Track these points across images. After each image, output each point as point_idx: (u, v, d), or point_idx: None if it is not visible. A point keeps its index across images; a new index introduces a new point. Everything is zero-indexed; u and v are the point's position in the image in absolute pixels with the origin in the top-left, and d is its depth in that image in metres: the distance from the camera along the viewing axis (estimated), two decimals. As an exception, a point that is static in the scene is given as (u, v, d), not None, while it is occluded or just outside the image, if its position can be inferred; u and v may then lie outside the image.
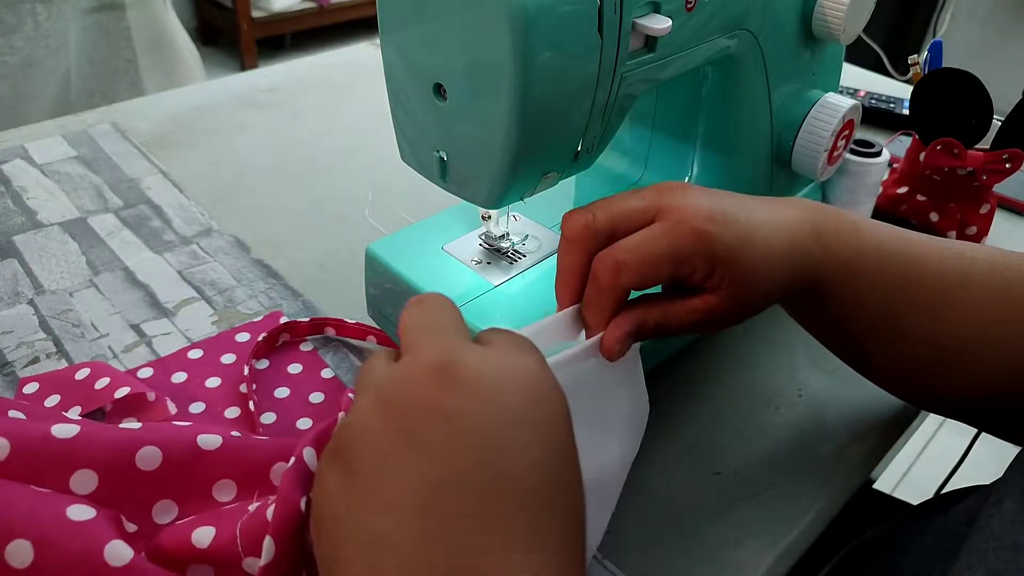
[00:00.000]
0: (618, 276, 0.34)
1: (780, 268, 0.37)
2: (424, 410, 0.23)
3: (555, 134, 0.39)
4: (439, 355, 0.24)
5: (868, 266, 0.39)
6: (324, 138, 0.78)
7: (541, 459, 0.23)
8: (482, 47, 0.35)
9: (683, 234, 0.35)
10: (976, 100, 0.59)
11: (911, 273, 0.39)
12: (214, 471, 0.34)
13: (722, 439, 0.47)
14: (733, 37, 0.46)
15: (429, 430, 0.23)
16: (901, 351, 0.41)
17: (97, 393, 0.44)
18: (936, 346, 0.40)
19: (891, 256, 0.40)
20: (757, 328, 0.56)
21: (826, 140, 0.52)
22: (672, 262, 0.35)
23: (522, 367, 0.25)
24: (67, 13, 1.24)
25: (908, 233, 0.41)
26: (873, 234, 0.40)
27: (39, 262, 0.58)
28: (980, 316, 0.39)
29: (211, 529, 0.30)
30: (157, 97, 0.86)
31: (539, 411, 0.24)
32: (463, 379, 0.24)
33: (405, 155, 0.44)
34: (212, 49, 2.99)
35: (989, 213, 0.63)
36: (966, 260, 0.40)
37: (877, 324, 0.40)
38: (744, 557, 0.41)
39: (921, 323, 0.39)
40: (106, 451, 0.32)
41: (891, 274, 0.39)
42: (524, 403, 0.24)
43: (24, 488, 0.29)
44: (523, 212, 0.55)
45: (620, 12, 0.36)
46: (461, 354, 0.24)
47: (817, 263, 0.39)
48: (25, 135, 0.74)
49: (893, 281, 0.39)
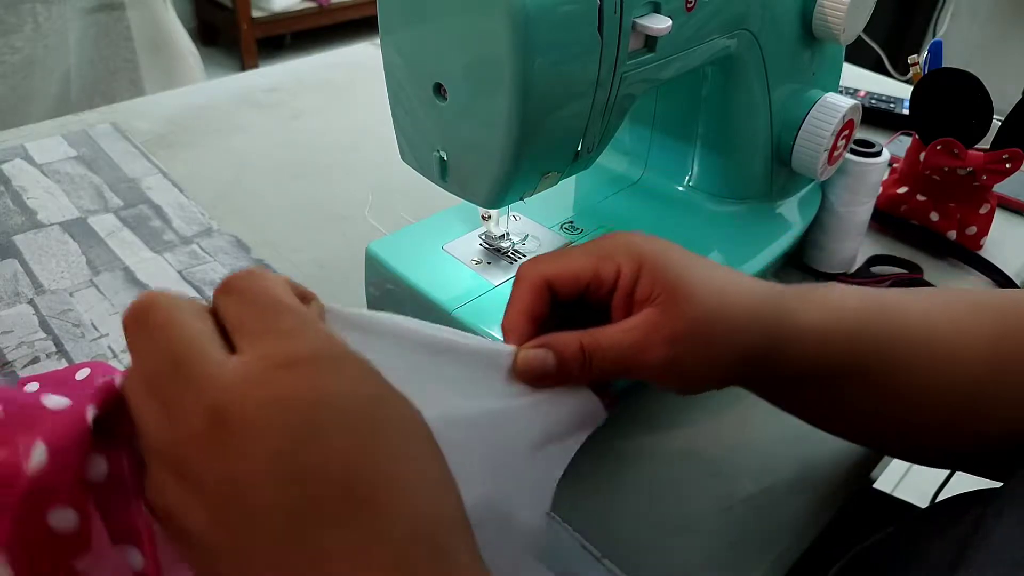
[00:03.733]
0: (534, 266, 0.34)
1: (738, 302, 0.35)
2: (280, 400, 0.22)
3: (555, 134, 0.39)
4: (286, 351, 0.23)
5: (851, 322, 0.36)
6: (324, 138, 0.78)
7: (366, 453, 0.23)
8: (482, 47, 0.35)
9: (608, 237, 0.35)
10: (976, 100, 0.59)
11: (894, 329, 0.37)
12: None
13: (721, 440, 0.47)
14: (733, 37, 0.46)
15: (279, 425, 0.22)
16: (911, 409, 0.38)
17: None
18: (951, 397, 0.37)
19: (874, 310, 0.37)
20: (757, 328, 0.56)
21: (826, 140, 0.52)
22: (592, 256, 0.34)
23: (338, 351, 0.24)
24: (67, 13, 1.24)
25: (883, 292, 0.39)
26: (847, 294, 0.38)
27: (39, 262, 0.58)
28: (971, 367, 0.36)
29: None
30: (157, 97, 0.86)
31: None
32: (291, 378, 0.23)
33: (405, 155, 0.44)
34: (212, 49, 2.99)
35: (989, 213, 0.63)
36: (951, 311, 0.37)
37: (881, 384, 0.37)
38: (744, 557, 0.41)
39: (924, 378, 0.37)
40: None
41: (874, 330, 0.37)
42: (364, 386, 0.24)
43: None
44: (523, 212, 0.55)
45: (620, 12, 0.36)
46: (291, 349, 0.24)
47: (790, 312, 0.36)
48: (25, 135, 0.74)
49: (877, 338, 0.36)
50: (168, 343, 0.23)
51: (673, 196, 0.57)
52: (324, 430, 0.22)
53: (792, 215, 0.58)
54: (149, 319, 0.24)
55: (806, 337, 0.36)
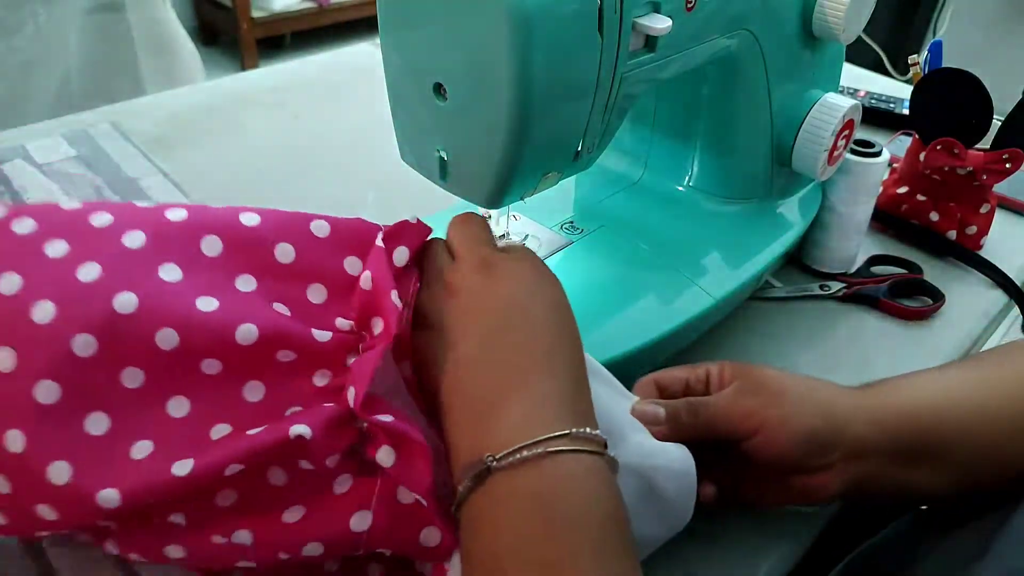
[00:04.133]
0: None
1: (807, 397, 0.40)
2: (475, 287, 0.36)
3: (555, 134, 0.39)
4: (480, 258, 0.37)
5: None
6: (324, 138, 0.78)
7: (547, 313, 0.36)
8: (482, 47, 0.35)
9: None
10: (976, 100, 0.59)
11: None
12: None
13: (722, 439, 0.47)
14: (733, 37, 0.46)
15: (477, 295, 0.36)
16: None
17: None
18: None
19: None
20: (758, 328, 0.56)
21: (826, 140, 0.52)
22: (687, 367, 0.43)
23: (528, 265, 0.38)
24: (67, 13, 1.24)
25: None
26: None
27: (39, 262, 0.58)
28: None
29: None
30: (157, 97, 0.86)
31: (542, 288, 0.37)
32: (497, 272, 0.36)
33: (405, 155, 0.44)
34: (212, 49, 2.98)
35: (989, 213, 0.63)
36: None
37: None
38: (744, 557, 0.41)
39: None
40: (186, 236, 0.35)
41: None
42: (534, 283, 0.37)
43: (162, 284, 0.33)
44: (523, 212, 0.55)
45: (620, 12, 0.36)
46: (493, 258, 0.37)
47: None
48: (25, 135, 0.74)
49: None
50: (471, 230, 0.39)
51: (673, 196, 0.57)
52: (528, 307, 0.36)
53: (792, 215, 0.58)
54: (471, 216, 0.40)
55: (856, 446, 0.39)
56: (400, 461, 0.32)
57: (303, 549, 0.32)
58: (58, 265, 0.31)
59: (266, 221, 0.36)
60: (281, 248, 0.36)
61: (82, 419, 0.30)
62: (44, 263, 0.31)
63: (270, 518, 0.32)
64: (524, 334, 0.35)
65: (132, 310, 0.31)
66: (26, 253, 0.31)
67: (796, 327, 0.47)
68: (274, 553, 0.32)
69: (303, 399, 0.34)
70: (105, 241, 0.33)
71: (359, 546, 0.33)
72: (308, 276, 0.37)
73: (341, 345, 0.35)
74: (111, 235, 0.33)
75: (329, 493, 0.33)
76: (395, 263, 0.37)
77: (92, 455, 0.30)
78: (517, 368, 0.34)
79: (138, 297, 0.31)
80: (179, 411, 0.32)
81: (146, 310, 0.31)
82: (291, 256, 0.36)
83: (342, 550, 0.33)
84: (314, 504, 0.33)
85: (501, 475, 0.31)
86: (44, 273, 0.31)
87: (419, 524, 0.33)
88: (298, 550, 0.32)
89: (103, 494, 0.29)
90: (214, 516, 0.32)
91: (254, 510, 0.32)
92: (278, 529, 0.32)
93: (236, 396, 0.33)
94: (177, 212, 0.35)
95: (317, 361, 0.34)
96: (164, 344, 0.32)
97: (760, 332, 0.55)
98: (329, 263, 0.37)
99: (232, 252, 0.35)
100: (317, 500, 0.33)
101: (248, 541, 0.32)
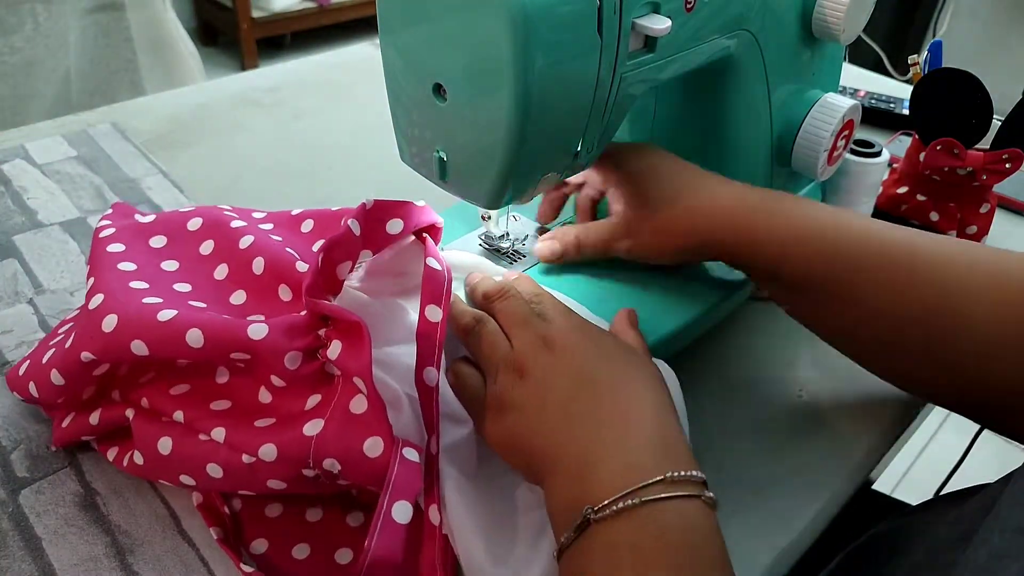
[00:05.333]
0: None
1: (713, 206, 0.45)
2: (545, 365, 0.38)
3: (555, 134, 0.39)
4: (538, 337, 0.40)
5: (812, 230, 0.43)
6: (324, 138, 0.78)
7: (616, 368, 0.38)
8: (482, 47, 0.35)
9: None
10: (976, 100, 0.59)
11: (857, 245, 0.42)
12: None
13: (722, 439, 0.47)
14: (733, 37, 0.46)
15: (549, 371, 0.38)
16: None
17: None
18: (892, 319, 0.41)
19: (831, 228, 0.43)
20: (758, 328, 0.56)
21: (826, 140, 0.52)
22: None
23: (579, 333, 0.40)
24: (67, 13, 1.24)
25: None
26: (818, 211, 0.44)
27: (39, 262, 0.58)
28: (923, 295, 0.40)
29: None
30: (157, 97, 0.86)
31: (602, 347, 0.40)
32: (558, 346, 0.39)
33: (405, 155, 0.44)
34: (212, 49, 2.98)
35: (989, 213, 0.63)
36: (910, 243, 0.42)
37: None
38: (744, 557, 0.41)
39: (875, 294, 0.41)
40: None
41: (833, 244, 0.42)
42: (594, 346, 0.39)
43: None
44: (523, 212, 0.55)
45: (620, 12, 0.36)
46: (550, 334, 0.40)
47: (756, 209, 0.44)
48: (25, 135, 0.74)
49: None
50: (516, 309, 0.42)
51: (673, 196, 0.57)
52: (596, 369, 0.38)
53: (792, 215, 0.58)
54: (507, 293, 0.43)
55: (766, 250, 0.44)
56: (344, 351, 0.37)
57: (260, 451, 0.36)
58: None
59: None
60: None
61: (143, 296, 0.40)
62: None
63: (244, 423, 0.38)
64: (604, 392, 0.37)
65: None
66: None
67: (796, 327, 0.47)
68: (239, 454, 0.37)
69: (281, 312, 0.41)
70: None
71: (308, 452, 0.36)
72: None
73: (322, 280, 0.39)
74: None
75: (300, 410, 0.38)
76: (389, 232, 0.41)
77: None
78: (607, 423, 0.35)
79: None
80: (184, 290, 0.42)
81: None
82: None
83: (294, 454, 0.36)
84: (284, 416, 0.38)
85: (599, 527, 0.32)
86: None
87: (365, 433, 0.36)
88: (255, 450, 0.36)
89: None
90: (204, 418, 0.38)
91: (235, 417, 0.38)
92: (247, 431, 0.37)
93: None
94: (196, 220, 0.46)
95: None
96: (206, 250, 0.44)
97: (760, 332, 0.55)
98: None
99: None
100: (287, 414, 0.38)
101: (221, 438, 0.37)
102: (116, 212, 0.48)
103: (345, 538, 0.40)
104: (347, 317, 0.37)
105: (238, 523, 0.40)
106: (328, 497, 0.41)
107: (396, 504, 0.34)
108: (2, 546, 0.39)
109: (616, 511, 0.32)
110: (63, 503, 0.41)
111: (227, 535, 0.39)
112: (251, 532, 0.40)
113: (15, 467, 0.42)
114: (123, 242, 0.44)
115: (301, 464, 0.36)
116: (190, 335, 0.37)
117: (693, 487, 0.33)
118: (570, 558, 0.33)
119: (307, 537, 0.40)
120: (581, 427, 0.36)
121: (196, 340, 0.37)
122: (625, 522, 0.32)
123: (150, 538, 0.40)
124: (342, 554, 0.39)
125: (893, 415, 0.50)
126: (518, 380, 0.38)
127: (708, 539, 0.32)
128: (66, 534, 0.39)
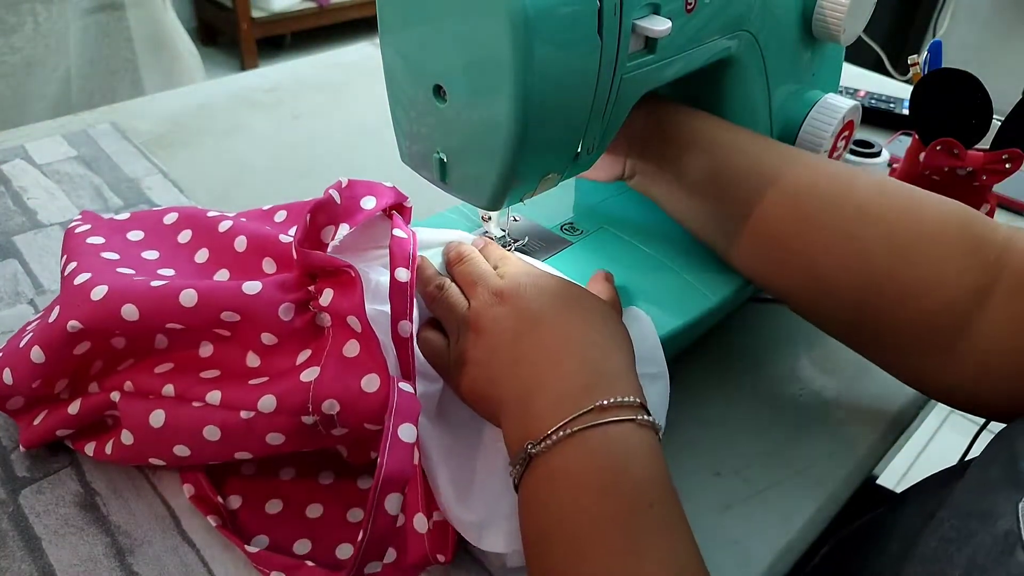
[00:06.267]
0: None
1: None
2: (495, 316, 0.40)
3: (555, 135, 0.39)
4: (490, 293, 0.41)
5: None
6: (324, 138, 0.78)
7: (558, 310, 0.39)
8: (482, 48, 0.35)
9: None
10: (976, 100, 0.59)
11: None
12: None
13: (723, 439, 0.47)
14: (733, 38, 0.46)
15: (499, 321, 0.39)
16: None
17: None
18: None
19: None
20: (759, 328, 0.56)
21: (826, 140, 0.52)
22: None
23: (528, 280, 0.41)
24: (67, 13, 1.24)
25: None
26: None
27: (39, 262, 0.58)
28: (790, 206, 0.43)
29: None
30: (157, 97, 0.86)
31: (546, 293, 0.40)
32: (507, 298, 0.40)
33: (405, 155, 0.44)
34: (212, 49, 2.98)
35: (989, 213, 0.63)
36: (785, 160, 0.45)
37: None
38: (745, 556, 0.41)
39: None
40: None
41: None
42: (538, 291, 0.40)
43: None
44: (523, 213, 0.55)
45: (620, 13, 0.36)
46: (499, 288, 0.41)
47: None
48: (25, 135, 0.74)
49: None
50: (472, 269, 0.43)
51: (673, 196, 0.57)
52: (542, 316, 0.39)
53: (792, 215, 0.58)
54: (465, 256, 0.44)
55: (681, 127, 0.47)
56: (336, 296, 0.39)
57: (259, 403, 0.37)
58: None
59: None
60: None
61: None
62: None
63: (238, 382, 0.39)
64: (545, 332, 0.38)
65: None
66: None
67: (796, 328, 0.47)
68: (236, 412, 0.37)
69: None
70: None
71: (307, 397, 0.37)
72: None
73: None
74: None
75: (292, 365, 0.39)
76: (363, 207, 0.43)
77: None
78: (543, 360, 0.37)
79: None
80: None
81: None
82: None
83: (293, 402, 0.37)
84: (277, 373, 0.39)
85: (538, 460, 0.34)
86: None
87: (361, 371, 0.37)
88: (254, 404, 0.37)
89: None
90: (195, 386, 0.39)
91: (228, 380, 0.39)
92: (243, 389, 0.38)
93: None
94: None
95: (290, 263, 0.42)
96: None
97: (760, 333, 0.55)
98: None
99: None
100: (279, 371, 0.39)
101: (216, 401, 0.38)
102: (85, 219, 0.49)
103: (345, 534, 0.40)
104: (337, 264, 0.38)
105: (238, 523, 0.41)
106: (328, 494, 0.42)
107: (401, 426, 0.35)
108: (2, 546, 0.39)
109: (551, 443, 0.34)
110: (63, 503, 0.41)
111: (225, 522, 0.39)
112: (252, 529, 0.40)
113: (15, 467, 0.43)
114: (102, 235, 0.46)
115: (300, 411, 0.37)
116: (184, 295, 0.38)
117: (626, 411, 0.34)
118: (522, 492, 0.35)
119: (308, 533, 0.40)
120: (523, 366, 0.37)
121: (190, 299, 0.38)
122: (559, 452, 0.34)
123: (150, 538, 0.40)
124: (342, 549, 0.40)
125: (893, 415, 0.50)
126: (476, 337, 0.40)
127: (638, 460, 0.33)
128: (66, 534, 0.40)
